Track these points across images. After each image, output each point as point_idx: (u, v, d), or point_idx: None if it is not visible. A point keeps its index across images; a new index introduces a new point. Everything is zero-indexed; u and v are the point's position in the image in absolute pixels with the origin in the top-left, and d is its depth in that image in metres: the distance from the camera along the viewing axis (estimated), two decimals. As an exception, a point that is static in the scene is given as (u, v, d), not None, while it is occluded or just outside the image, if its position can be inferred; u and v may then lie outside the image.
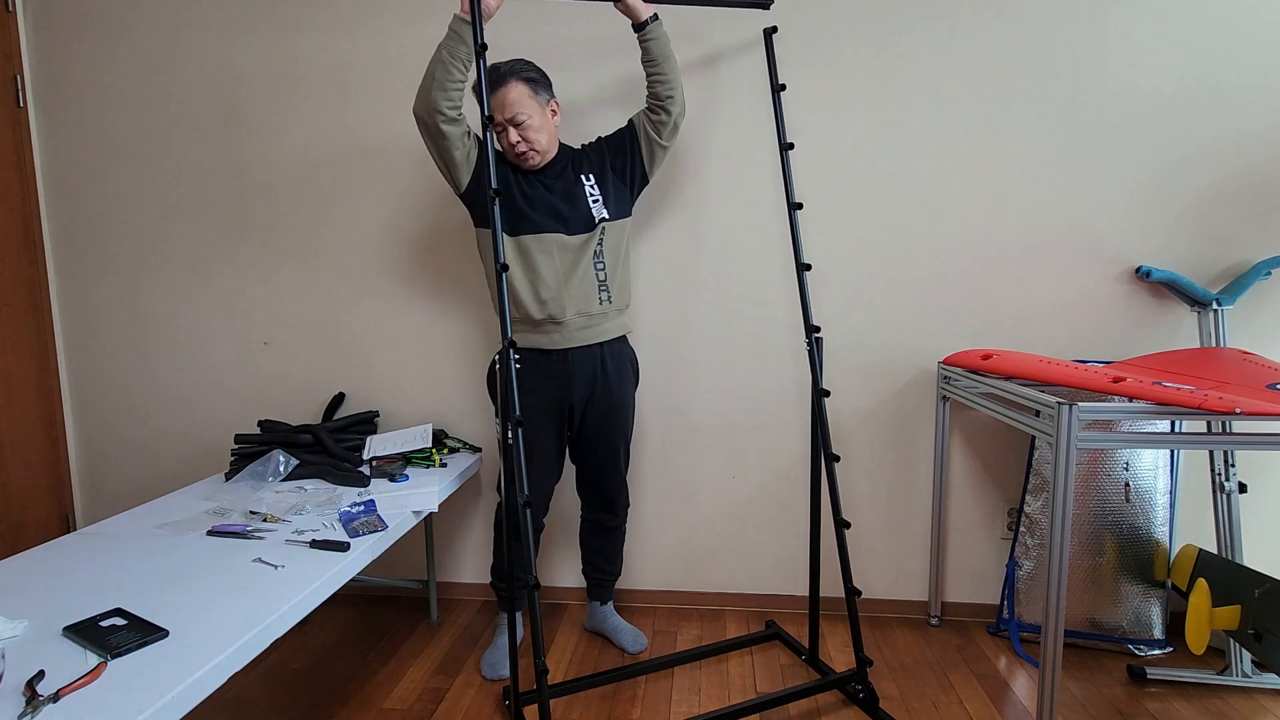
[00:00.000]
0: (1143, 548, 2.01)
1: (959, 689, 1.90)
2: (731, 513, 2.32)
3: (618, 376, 1.94)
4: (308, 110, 2.29)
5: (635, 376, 2.05)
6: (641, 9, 1.84)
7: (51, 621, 1.20)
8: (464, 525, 2.42)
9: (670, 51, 1.88)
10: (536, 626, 1.48)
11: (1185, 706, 1.82)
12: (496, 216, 1.54)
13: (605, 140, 1.96)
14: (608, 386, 1.93)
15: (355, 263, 2.34)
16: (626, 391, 1.98)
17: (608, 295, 1.89)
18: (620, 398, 1.96)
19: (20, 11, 2.36)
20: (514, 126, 1.79)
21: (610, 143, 1.96)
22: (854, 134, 2.14)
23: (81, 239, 2.44)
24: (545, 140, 1.84)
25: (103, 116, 2.37)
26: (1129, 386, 1.60)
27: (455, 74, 1.72)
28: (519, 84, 1.78)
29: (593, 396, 1.92)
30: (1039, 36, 2.05)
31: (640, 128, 1.93)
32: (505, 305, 1.53)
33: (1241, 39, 2.00)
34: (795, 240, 1.87)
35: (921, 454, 2.24)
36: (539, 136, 1.82)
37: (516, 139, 1.80)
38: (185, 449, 2.49)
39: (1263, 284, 2.07)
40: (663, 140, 1.94)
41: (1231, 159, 2.05)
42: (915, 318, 2.19)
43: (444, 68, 1.70)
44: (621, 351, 1.97)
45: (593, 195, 1.89)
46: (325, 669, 2.01)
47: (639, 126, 1.94)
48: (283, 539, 1.56)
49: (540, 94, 1.82)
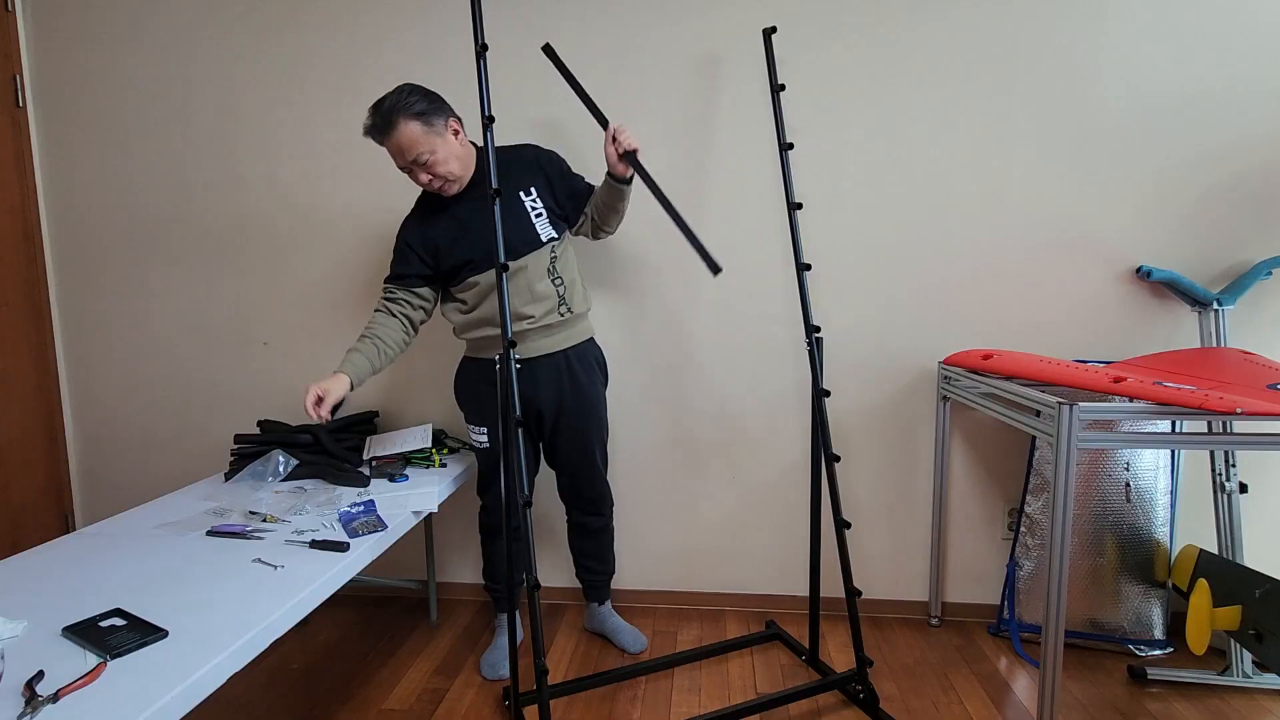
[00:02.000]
0: (1143, 548, 2.01)
1: (959, 689, 1.90)
2: (731, 513, 2.32)
3: (586, 379, 1.93)
4: (308, 110, 2.29)
5: (604, 375, 2.04)
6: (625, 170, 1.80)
7: (51, 621, 1.20)
8: (464, 525, 2.42)
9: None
10: (537, 627, 1.48)
11: (1186, 707, 1.81)
12: (497, 215, 1.53)
13: (552, 171, 1.87)
14: (577, 390, 1.92)
15: (355, 262, 2.34)
16: (595, 392, 1.97)
17: (567, 307, 1.87)
18: (590, 399, 1.95)
19: (20, 11, 2.36)
20: (420, 168, 1.72)
21: (554, 176, 1.87)
22: (854, 134, 2.14)
23: (81, 239, 2.44)
24: (457, 167, 1.75)
25: (103, 116, 2.37)
26: (1129, 386, 1.59)
27: (371, 370, 1.80)
28: (408, 122, 1.67)
29: (562, 402, 1.92)
30: (1040, 36, 2.05)
31: (587, 217, 1.93)
32: (505, 306, 1.53)
33: (1242, 40, 2.00)
34: (795, 240, 1.87)
35: (922, 454, 2.24)
36: (448, 167, 1.73)
37: (428, 179, 1.74)
38: (185, 449, 2.49)
39: (1263, 284, 2.07)
40: (594, 239, 2.00)
41: (1232, 159, 2.04)
42: (915, 318, 2.19)
43: (369, 366, 1.80)
44: (587, 353, 1.95)
45: (535, 209, 1.82)
46: (325, 669, 2.01)
47: (586, 216, 1.93)
48: (282, 539, 1.55)
49: (435, 122, 1.70)
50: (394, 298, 1.87)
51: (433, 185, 1.77)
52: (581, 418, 1.94)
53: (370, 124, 1.72)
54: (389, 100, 1.69)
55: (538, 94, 2.21)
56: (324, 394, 1.69)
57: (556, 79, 2.12)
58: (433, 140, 1.70)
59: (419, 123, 1.68)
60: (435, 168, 1.72)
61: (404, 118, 1.68)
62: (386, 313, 1.86)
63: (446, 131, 1.73)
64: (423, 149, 1.69)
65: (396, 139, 1.69)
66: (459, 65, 2.22)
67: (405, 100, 1.68)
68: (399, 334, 1.86)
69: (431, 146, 1.70)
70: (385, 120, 1.68)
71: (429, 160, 1.71)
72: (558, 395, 1.91)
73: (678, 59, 2.16)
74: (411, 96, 1.69)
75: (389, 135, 1.70)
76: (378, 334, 1.83)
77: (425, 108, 1.70)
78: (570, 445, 1.96)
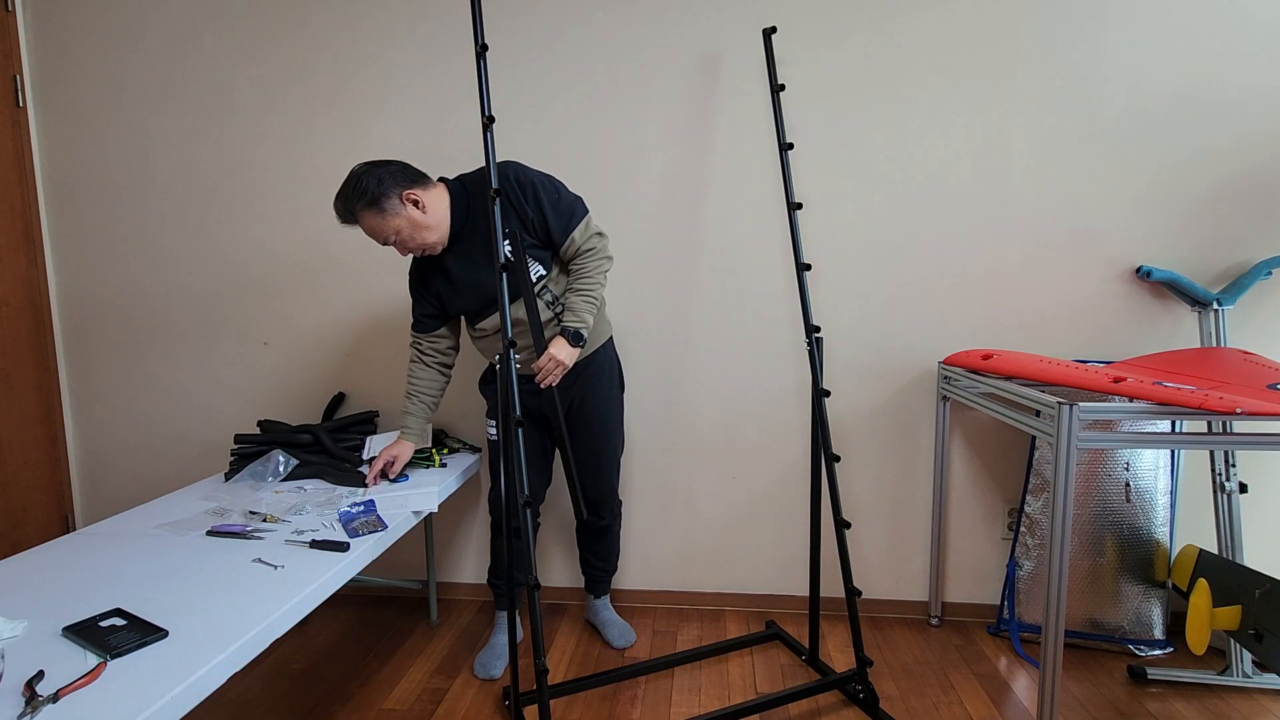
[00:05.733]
0: (1143, 548, 2.01)
1: (959, 689, 1.90)
2: (731, 513, 2.32)
3: (593, 385, 1.92)
4: (308, 109, 2.29)
5: (619, 381, 2.02)
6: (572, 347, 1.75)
7: (51, 621, 1.20)
8: (464, 525, 2.42)
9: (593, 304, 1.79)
10: (537, 627, 1.48)
11: (1186, 707, 1.81)
12: (497, 215, 1.53)
13: (529, 205, 1.72)
14: (584, 396, 1.92)
15: (354, 263, 2.34)
16: (605, 397, 1.95)
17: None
18: (600, 404, 1.94)
19: (20, 11, 2.36)
20: (395, 246, 1.74)
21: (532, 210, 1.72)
22: (854, 134, 2.14)
23: (81, 239, 2.44)
24: (429, 235, 1.73)
25: (103, 116, 2.37)
26: (1129, 386, 1.59)
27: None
28: (363, 213, 1.68)
29: (570, 408, 1.92)
30: (1040, 36, 2.05)
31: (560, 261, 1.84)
32: (505, 306, 1.53)
33: (1242, 40, 2.00)
34: (795, 240, 1.87)
35: (922, 454, 2.24)
36: (419, 236, 1.72)
37: (406, 251, 1.76)
38: (185, 449, 2.49)
39: (1263, 284, 2.07)
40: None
41: (1232, 160, 2.05)
42: (915, 318, 2.19)
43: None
44: (598, 360, 1.93)
45: (514, 255, 1.70)
46: (325, 669, 2.01)
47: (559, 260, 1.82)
48: (282, 539, 1.55)
49: (389, 204, 1.67)
50: (421, 349, 1.95)
51: (416, 254, 1.78)
52: (589, 424, 1.94)
53: (338, 213, 1.73)
54: (341, 193, 1.70)
55: (538, 94, 2.21)
56: (395, 459, 1.92)
57: (556, 79, 2.12)
58: (392, 222, 1.69)
59: (372, 211, 1.68)
60: (406, 245, 1.73)
61: (360, 208, 1.68)
62: (421, 364, 1.95)
63: (405, 207, 1.69)
64: (386, 232, 1.71)
65: (362, 226, 1.72)
66: (459, 65, 2.22)
67: (355, 191, 1.67)
68: (438, 381, 1.98)
69: (395, 228, 1.70)
70: (345, 214, 1.71)
71: (396, 240, 1.72)
72: (568, 401, 1.92)
73: (678, 59, 2.16)
74: (360, 184, 1.67)
75: (354, 226, 1.74)
76: (421, 390, 1.96)
77: (376, 193, 1.66)
78: (579, 449, 1.97)
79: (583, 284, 1.79)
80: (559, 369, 1.73)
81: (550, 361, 1.72)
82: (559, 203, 1.75)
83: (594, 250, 1.79)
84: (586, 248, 1.78)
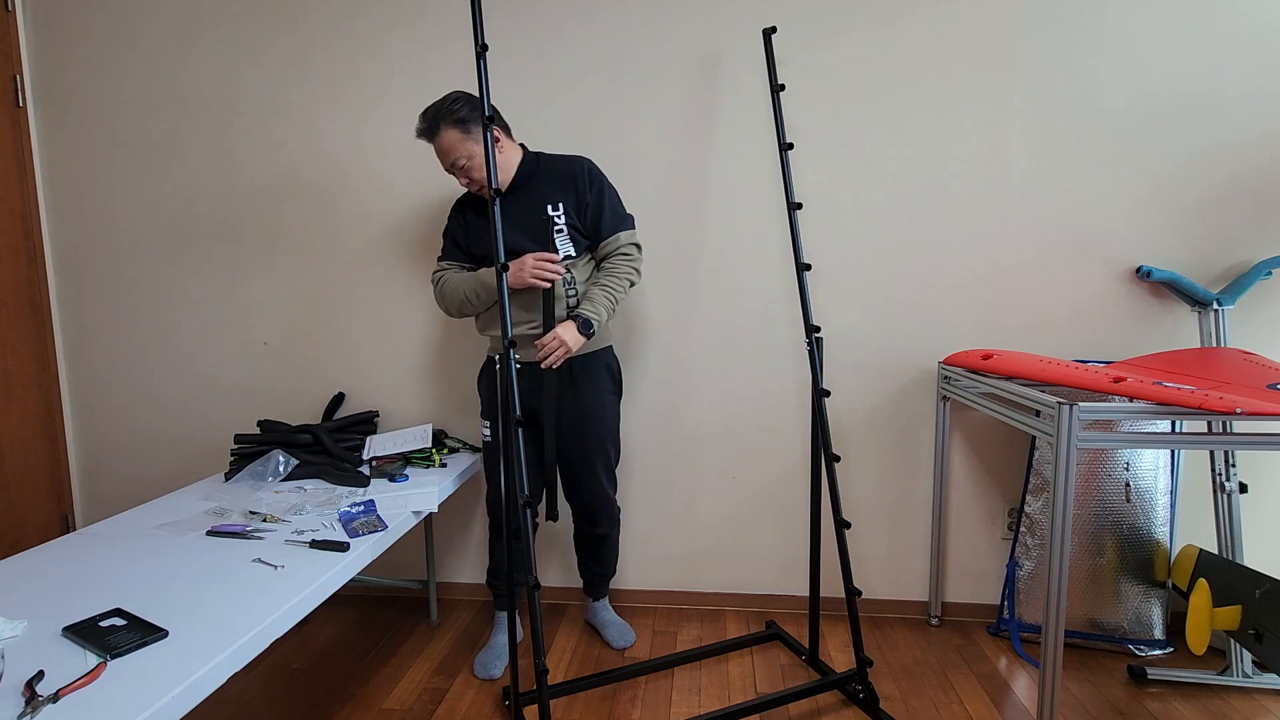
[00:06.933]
0: (1143, 548, 2.01)
1: (959, 689, 1.90)
2: (731, 513, 2.32)
3: (589, 388, 1.91)
4: (308, 111, 2.29)
5: (617, 386, 2.00)
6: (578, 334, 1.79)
7: (51, 621, 1.20)
8: (464, 525, 2.42)
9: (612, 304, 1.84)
10: (537, 627, 1.48)
11: (1186, 707, 1.81)
12: (497, 215, 1.53)
13: (586, 192, 1.86)
14: (576, 398, 1.91)
15: (355, 263, 2.34)
16: (600, 402, 1.94)
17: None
18: (593, 408, 1.92)
19: (20, 11, 2.36)
20: (457, 170, 1.79)
21: (587, 198, 1.86)
22: (854, 134, 2.14)
23: (81, 239, 2.44)
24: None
25: (103, 116, 2.37)
26: (1129, 386, 1.59)
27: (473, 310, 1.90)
28: (450, 129, 1.76)
29: (563, 408, 1.92)
30: (1040, 36, 2.05)
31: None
32: (505, 305, 1.53)
33: (1242, 40, 2.00)
34: (795, 240, 1.87)
35: (922, 454, 2.24)
36: (483, 173, 1.79)
37: (465, 181, 1.82)
38: (185, 449, 2.49)
39: (1263, 284, 2.07)
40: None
41: (1232, 160, 2.05)
42: (915, 318, 2.19)
43: (470, 305, 1.88)
44: (595, 363, 1.92)
45: (557, 224, 1.83)
46: (325, 669, 2.01)
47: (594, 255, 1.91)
48: (282, 539, 1.55)
49: (474, 130, 1.77)
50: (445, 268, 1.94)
51: (471, 188, 1.85)
52: (580, 426, 1.93)
53: (419, 127, 1.80)
54: (435, 106, 1.78)
55: (539, 94, 2.21)
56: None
57: (557, 79, 2.12)
58: (469, 146, 1.77)
59: (458, 129, 1.76)
60: (471, 173, 1.80)
61: (445, 124, 1.76)
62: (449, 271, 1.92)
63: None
64: (459, 154, 1.77)
65: (438, 142, 1.78)
66: (459, 65, 2.22)
67: (449, 107, 1.76)
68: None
69: (468, 152, 1.77)
70: (429, 124, 1.78)
71: (465, 165, 1.79)
72: (560, 400, 1.91)
73: (678, 59, 2.16)
74: (456, 104, 1.77)
75: (432, 139, 1.79)
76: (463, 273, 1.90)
77: (466, 114, 1.77)
78: (570, 454, 1.96)
79: (608, 280, 1.86)
80: (561, 350, 1.76)
81: (554, 340, 1.75)
82: (617, 206, 1.91)
83: (629, 256, 1.89)
84: (623, 252, 1.88)
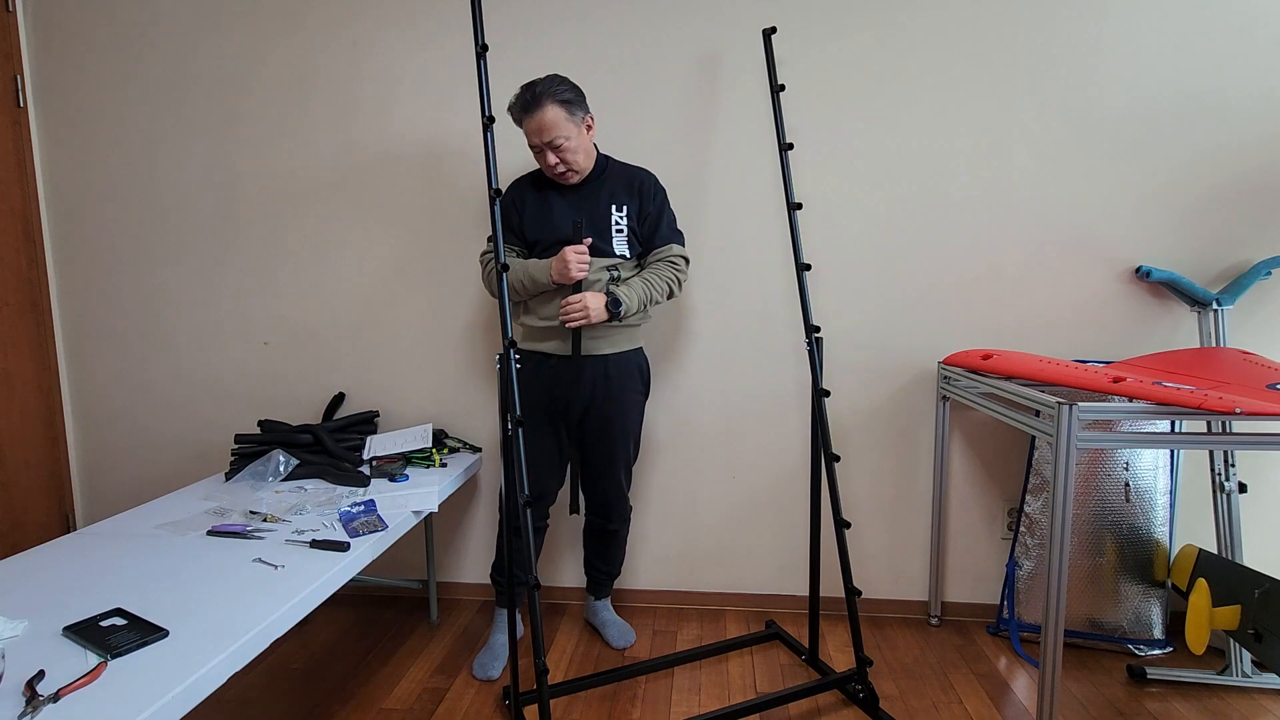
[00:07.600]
0: (1143, 548, 2.01)
1: (959, 689, 1.90)
2: (732, 513, 2.32)
3: (620, 386, 1.93)
4: (309, 112, 2.29)
5: (644, 387, 2.02)
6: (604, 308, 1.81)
7: (51, 621, 1.20)
8: (464, 525, 2.42)
9: (647, 297, 1.86)
10: (537, 626, 1.48)
11: (1185, 706, 1.81)
12: (497, 216, 1.53)
13: (649, 203, 1.92)
14: (609, 396, 1.92)
15: (355, 263, 2.34)
16: (629, 401, 1.96)
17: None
18: (622, 406, 1.94)
19: (20, 11, 2.36)
20: (552, 150, 1.80)
21: (649, 208, 1.92)
22: (854, 134, 2.14)
23: (81, 239, 2.44)
24: (583, 159, 1.84)
25: (103, 117, 2.37)
26: (1129, 386, 1.60)
27: (517, 298, 1.91)
28: (555, 106, 1.76)
29: (593, 404, 1.92)
30: (1040, 36, 2.05)
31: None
32: (505, 304, 1.53)
33: (1241, 41, 2.00)
34: (795, 240, 1.87)
35: (921, 454, 2.24)
36: (577, 157, 1.82)
37: (555, 161, 1.82)
38: (185, 449, 2.49)
39: (1263, 284, 2.07)
40: None
41: (1232, 160, 2.05)
42: (915, 318, 2.19)
43: (515, 293, 1.89)
44: (627, 361, 1.94)
45: (618, 225, 1.88)
46: (325, 669, 2.01)
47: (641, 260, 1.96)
48: (283, 539, 1.55)
49: (576, 113, 1.80)
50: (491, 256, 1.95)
51: (556, 170, 1.84)
52: (607, 422, 1.94)
53: (517, 100, 1.80)
54: (541, 84, 1.78)
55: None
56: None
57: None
58: (570, 128, 1.79)
59: (563, 109, 1.78)
60: (565, 153, 1.81)
61: (551, 101, 1.77)
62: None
63: (582, 124, 1.83)
64: (560, 133, 1.78)
65: (540, 118, 1.77)
66: (459, 65, 2.22)
67: (556, 86, 1.78)
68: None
69: (568, 133, 1.79)
70: (534, 99, 1.77)
71: (563, 145, 1.79)
72: (590, 395, 1.91)
73: (678, 59, 2.16)
74: (562, 85, 1.79)
75: (533, 114, 1.77)
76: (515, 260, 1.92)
77: (572, 96, 1.80)
78: (593, 450, 1.97)
79: (650, 274, 1.90)
80: (581, 313, 1.77)
81: (579, 301, 1.77)
82: (674, 221, 1.98)
83: (676, 264, 1.93)
84: (672, 259, 1.92)
